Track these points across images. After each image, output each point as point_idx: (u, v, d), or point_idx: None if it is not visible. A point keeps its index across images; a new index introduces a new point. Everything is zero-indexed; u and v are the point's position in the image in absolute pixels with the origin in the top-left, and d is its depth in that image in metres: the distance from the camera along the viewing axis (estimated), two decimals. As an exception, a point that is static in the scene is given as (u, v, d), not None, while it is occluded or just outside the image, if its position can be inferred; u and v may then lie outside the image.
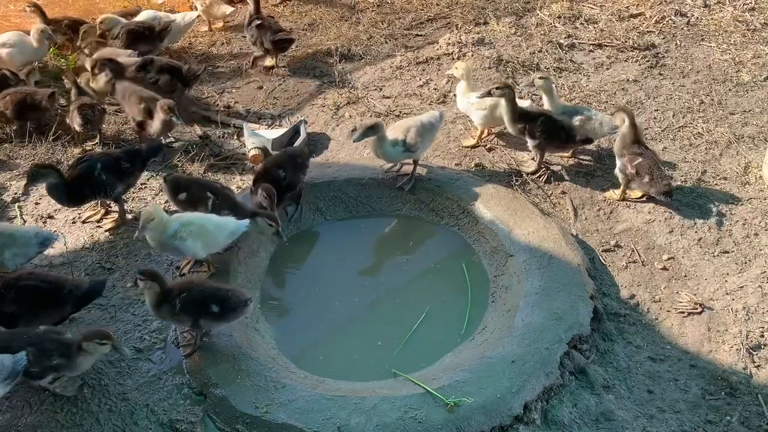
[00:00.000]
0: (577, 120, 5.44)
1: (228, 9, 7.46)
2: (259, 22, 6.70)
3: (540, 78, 5.54)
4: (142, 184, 5.43)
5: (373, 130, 4.99)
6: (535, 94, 6.25)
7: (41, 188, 5.02)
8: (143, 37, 6.66)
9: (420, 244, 5.11)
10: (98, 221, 5.04)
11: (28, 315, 3.86)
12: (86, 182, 4.71)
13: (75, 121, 5.58)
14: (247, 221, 4.50)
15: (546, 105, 5.59)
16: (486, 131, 5.85)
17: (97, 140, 5.80)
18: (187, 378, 3.93)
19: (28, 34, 6.47)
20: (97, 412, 3.77)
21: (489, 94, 5.36)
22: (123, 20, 6.81)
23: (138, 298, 4.39)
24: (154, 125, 5.43)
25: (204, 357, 3.99)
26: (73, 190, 4.70)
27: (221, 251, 4.55)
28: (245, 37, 6.89)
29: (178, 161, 5.66)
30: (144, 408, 3.80)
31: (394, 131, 5.15)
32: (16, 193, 5.28)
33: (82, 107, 5.57)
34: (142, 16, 6.92)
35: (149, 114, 5.46)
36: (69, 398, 3.80)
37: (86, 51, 6.52)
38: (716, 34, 7.32)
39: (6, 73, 6.05)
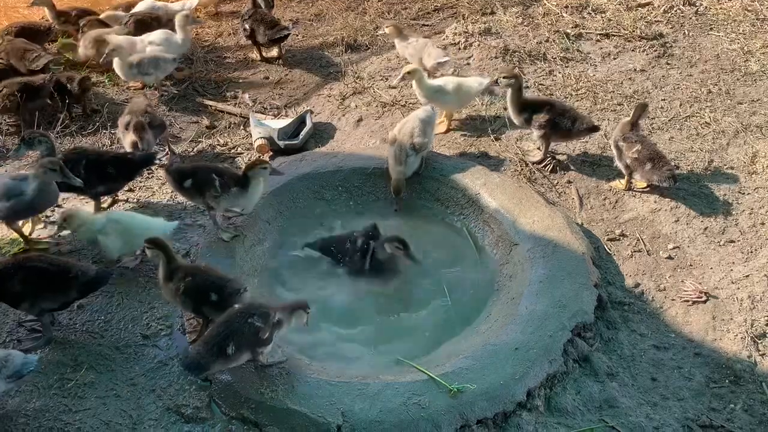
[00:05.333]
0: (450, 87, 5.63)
1: None
2: (252, 14, 6.72)
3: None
4: (149, 174, 5.47)
5: (401, 191, 5.04)
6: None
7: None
8: (151, 26, 6.70)
9: (425, 231, 5.11)
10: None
11: (32, 296, 3.90)
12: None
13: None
14: (175, 223, 4.55)
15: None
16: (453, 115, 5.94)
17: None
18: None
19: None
20: (105, 396, 3.81)
21: (496, 83, 5.41)
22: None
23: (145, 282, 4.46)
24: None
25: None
26: None
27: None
28: (244, 29, 6.86)
29: (185, 151, 5.70)
30: (150, 393, 3.84)
31: (400, 140, 5.12)
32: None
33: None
34: (141, 6, 6.95)
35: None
36: (77, 383, 3.86)
37: (85, 29, 6.69)
38: (725, 23, 7.27)
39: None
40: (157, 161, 5.33)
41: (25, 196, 4.44)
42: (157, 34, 6.44)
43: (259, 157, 5.48)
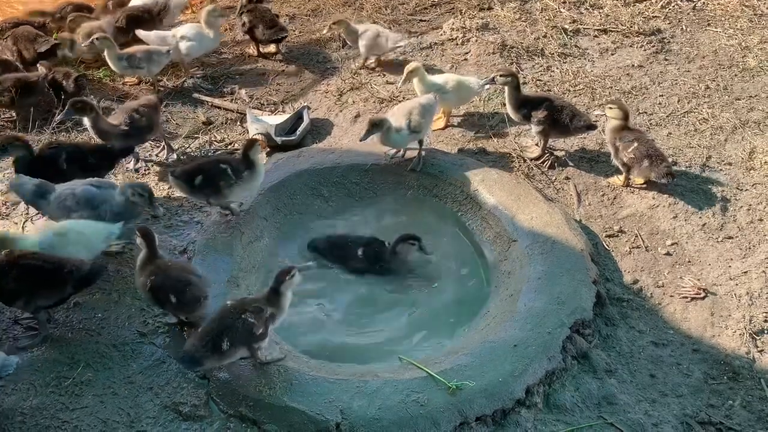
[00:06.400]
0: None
1: None
2: (251, 9, 6.66)
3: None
4: (146, 170, 5.44)
5: (377, 127, 4.99)
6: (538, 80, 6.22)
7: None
8: (142, 20, 6.66)
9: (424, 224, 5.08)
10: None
11: (28, 293, 3.89)
12: (48, 168, 4.71)
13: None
14: (119, 224, 4.38)
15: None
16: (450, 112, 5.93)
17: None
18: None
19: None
20: (102, 395, 3.79)
21: (492, 81, 5.39)
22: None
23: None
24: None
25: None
26: (36, 171, 4.68)
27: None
28: (243, 23, 6.81)
29: (182, 148, 5.67)
30: (148, 391, 3.82)
31: (395, 118, 5.13)
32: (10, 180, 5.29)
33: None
34: (136, 3, 6.89)
35: None
36: (74, 381, 3.84)
37: (71, 24, 6.64)
38: (722, 19, 7.26)
39: (8, 59, 6.09)
40: (136, 153, 5.33)
41: (112, 206, 4.40)
42: (188, 28, 6.37)
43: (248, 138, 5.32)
